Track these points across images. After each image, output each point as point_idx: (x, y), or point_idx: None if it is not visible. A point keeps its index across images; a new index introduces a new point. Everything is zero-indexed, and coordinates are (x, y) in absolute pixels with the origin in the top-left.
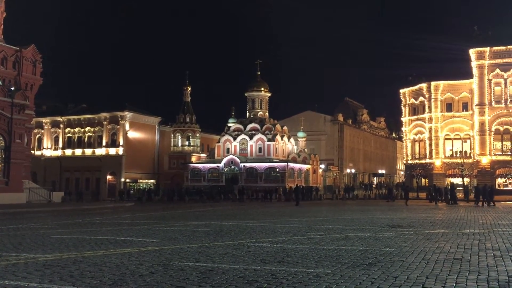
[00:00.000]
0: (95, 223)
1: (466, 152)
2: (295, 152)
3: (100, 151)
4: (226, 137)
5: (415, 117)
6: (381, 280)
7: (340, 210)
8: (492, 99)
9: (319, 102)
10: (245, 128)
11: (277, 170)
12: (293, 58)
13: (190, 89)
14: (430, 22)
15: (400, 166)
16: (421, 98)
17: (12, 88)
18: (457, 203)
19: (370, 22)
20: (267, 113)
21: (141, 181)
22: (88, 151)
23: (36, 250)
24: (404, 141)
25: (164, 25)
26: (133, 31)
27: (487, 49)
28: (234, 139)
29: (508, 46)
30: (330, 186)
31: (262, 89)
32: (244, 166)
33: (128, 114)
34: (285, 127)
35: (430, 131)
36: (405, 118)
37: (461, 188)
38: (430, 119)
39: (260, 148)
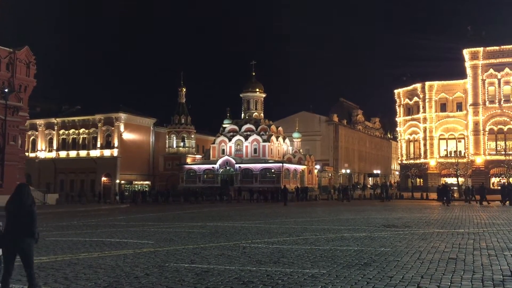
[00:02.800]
0: (90, 225)
1: (460, 152)
2: (290, 152)
3: (94, 153)
4: (221, 138)
5: (409, 117)
6: (376, 280)
7: (335, 211)
8: (486, 99)
9: (314, 103)
10: (240, 129)
11: (273, 170)
12: (288, 59)
13: (185, 90)
14: (424, 22)
15: (395, 166)
16: (415, 98)
17: (6, 90)
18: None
19: (365, 22)
20: (262, 114)
21: (136, 182)
22: (83, 153)
23: None
24: (399, 141)
25: (159, 26)
26: (128, 32)
27: (480, 49)
28: (229, 140)
29: (502, 46)
30: (326, 187)
31: (257, 90)
32: (239, 167)
33: (122, 116)
34: (280, 128)
35: (424, 131)
36: (399, 118)
37: (456, 188)
38: (425, 119)
39: (255, 149)
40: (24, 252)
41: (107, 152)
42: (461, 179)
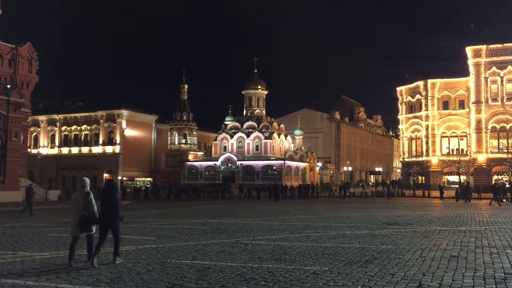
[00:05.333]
0: None
1: (462, 149)
2: (292, 150)
3: (96, 149)
4: (223, 135)
5: (411, 115)
6: (378, 277)
7: (337, 208)
8: (489, 97)
9: (316, 100)
10: (242, 126)
11: (274, 168)
12: (290, 56)
13: (187, 87)
14: (427, 20)
15: (397, 164)
16: (417, 96)
17: (8, 86)
18: None
19: (368, 20)
20: (264, 111)
21: (138, 179)
22: (85, 149)
23: (33, 248)
24: (400, 139)
25: (161, 23)
26: (130, 29)
27: (483, 47)
28: (231, 137)
29: (505, 44)
30: (327, 184)
31: (259, 87)
32: (241, 164)
33: (124, 112)
34: (282, 125)
35: (426, 129)
36: (401, 116)
37: (457, 186)
38: (427, 117)
39: (257, 146)
40: (114, 227)
41: (109, 149)
42: (463, 177)
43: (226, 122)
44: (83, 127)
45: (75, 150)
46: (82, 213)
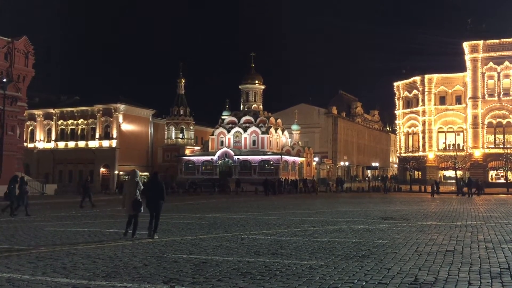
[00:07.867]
0: (89, 216)
1: (459, 145)
2: (289, 145)
3: (93, 144)
4: (220, 129)
5: (408, 110)
6: (374, 271)
7: (334, 203)
8: (485, 92)
9: (313, 95)
10: (239, 120)
11: (271, 162)
12: (287, 51)
13: (184, 81)
14: (424, 15)
15: (394, 159)
16: (414, 91)
17: (4, 80)
18: None
19: (366, 15)
20: (261, 106)
21: None
22: (81, 144)
23: (29, 243)
24: (397, 134)
25: (158, 17)
26: (127, 23)
27: (480, 42)
28: (228, 131)
29: (502, 40)
30: (324, 179)
31: (256, 81)
32: (238, 158)
33: (121, 107)
34: (279, 120)
35: (423, 124)
36: (398, 111)
37: (454, 181)
38: (424, 112)
39: (254, 141)
40: (159, 208)
41: (105, 143)
42: (459, 172)
43: (223, 117)
44: (80, 121)
45: (71, 144)
46: (134, 197)
